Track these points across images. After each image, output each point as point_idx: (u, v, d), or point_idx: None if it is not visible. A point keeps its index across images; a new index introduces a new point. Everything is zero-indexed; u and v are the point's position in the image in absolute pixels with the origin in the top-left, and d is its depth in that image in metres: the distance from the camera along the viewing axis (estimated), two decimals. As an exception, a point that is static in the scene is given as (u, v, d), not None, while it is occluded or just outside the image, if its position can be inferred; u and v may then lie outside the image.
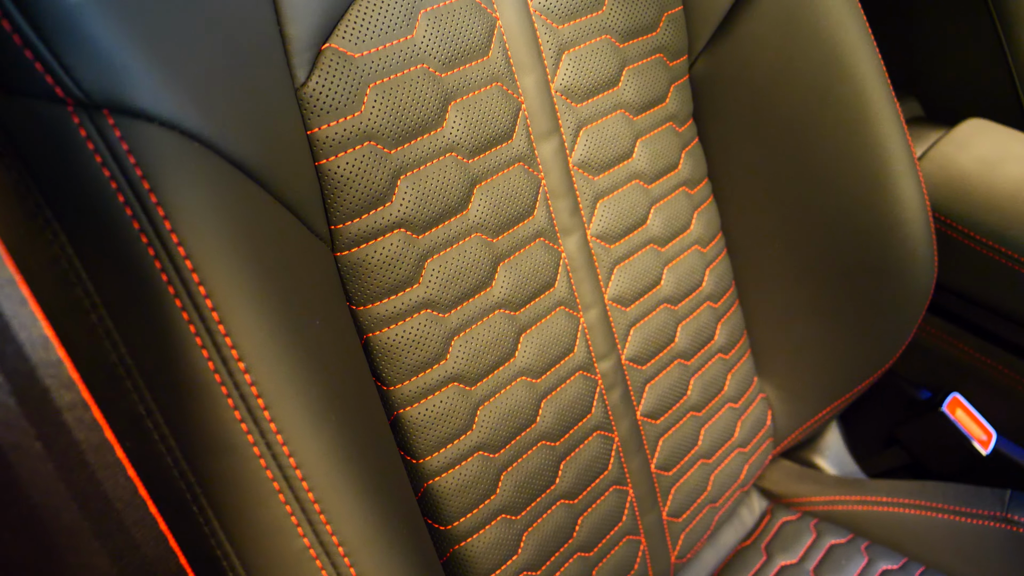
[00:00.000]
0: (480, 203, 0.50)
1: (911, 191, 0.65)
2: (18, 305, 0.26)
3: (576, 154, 0.56)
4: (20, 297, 0.26)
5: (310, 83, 0.42)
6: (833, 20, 0.62)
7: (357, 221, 0.45)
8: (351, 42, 0.43)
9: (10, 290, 0.26)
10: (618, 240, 0.59)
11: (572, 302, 0.57)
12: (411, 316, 0.48)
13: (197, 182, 0.33)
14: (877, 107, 0.63)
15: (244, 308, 0.33)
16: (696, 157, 0.66)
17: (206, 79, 0.34)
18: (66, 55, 0.30)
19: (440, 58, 0.47)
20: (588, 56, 0.55)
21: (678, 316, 0.65)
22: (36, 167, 0.32)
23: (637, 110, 0.59)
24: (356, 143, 0.44)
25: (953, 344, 0.82)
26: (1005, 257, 0.74)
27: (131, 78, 0.31)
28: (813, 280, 0.70)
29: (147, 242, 0.31)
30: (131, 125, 0.31)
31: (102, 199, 0.31)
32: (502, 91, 0.51)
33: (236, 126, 0.36)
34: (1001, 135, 0.85)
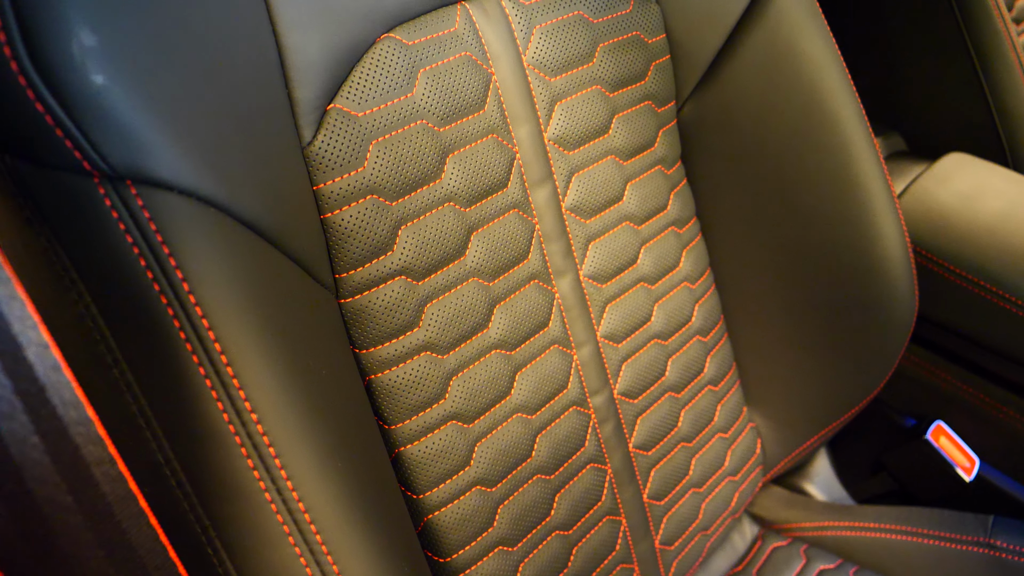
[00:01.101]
0: (477, 249, 0.53)
1: (891, 229, 0.68)
2: (51, 370, 0.28)
3: (568, 199, 0.58)
4: (54, 362, 0.28)
5: (316, 142, 0.45)
6: (813, 67, 0.65)
7: (360, 270, 0.47)
8: (355, 102, 0.46)
9: (45, 355, 0.28)
10: (609, 280, 0.61)
11: (566, 340, 0.59)
12: (411, 358, 0.50)
13: (213, 245, 0.35)
14: (857, 149, 0.66)
15: (256, 362, 0.36)
16: (684, 198, 0.68)
17: (220, 147, 0.37)
18: (93, 133, 0.32)
19: (438, 114, 0.50)
20: (579, 106, 0.58)
21: (668, 351, 0.67)
22: (63, 233, 0.34)
23: (627, 155, 0.62)
24: (359, 197, 0.46)
25: (936, 373, 0.84)
26: (984, 290, 0.77)
27: (152, 151, 0.33)
28: (799, 314, 0.72)
29: (166, 303, 0.34)
30: (152, 194, 0.34)
31: (125, 263, 0.34)
32: (497, 142, 0.53)
33: (248, 189, 0.38)
34: (980, 169, 0.88)
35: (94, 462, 0.29)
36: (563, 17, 0.57)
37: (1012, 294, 0.75)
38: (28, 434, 0.27)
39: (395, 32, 0.48)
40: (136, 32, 0.33)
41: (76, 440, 0.28)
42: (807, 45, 0.65)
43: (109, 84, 0.32)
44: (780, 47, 0.65)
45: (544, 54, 0.56)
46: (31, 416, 0.27)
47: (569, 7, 0.57)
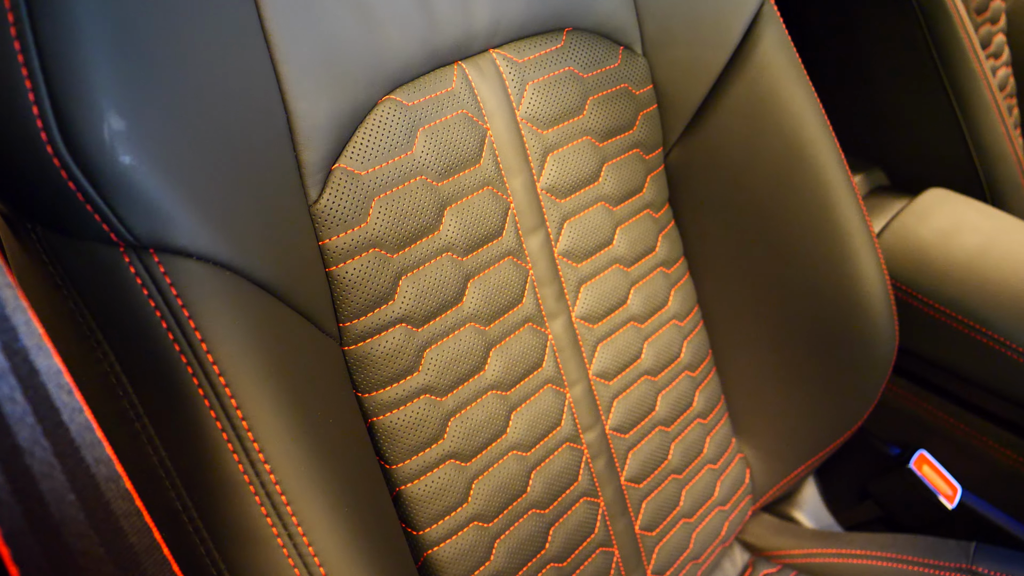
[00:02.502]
0: (473, 296, 0.55)
1: (871, 268, 0.71)
2: (85, 430, 0.31)
3: (560, 244, 0.61)
4: (87, 423, 0.31)
5: (322, 200, 0.47)
6: (794, 113, 0.68)
7: (363, 319, 0.50)
8: (358, 161, 0.49)
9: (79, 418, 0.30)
10: (600, 320, 0.64)
11: (559, 379, 0.62)
12: (411, 401, 0.53)
13: (228, 306, 0.38)
14: (836, 192, 0.69)
15: (269, 416, 0.38)
16: (672, 239, 0.71)
17: (235, 213, 0.39)
18: (120, 207, 0.35)
19: (437, 169, 0.53)
20: (570, 156, 0.61)
21: (658, 386, 0.70)
22: (90, 297, 0.37)
23: (616, 201, 0.65)
24: (362, 250, 0.49)
25: (919, 404, 0.87)
26: (962, 324, 0.80)
27: (173, 222, 0.36)
28: (784, 349, 0.75)
29: (186, 362, 0.36)
30: (173, 261, 0.36)
31: (148, 325, 0.36)
32: (493, 194, 0.56)
33: (260, 250, 0.41)
34: (959, 205, 0.91)
35: (122, 515, 0.31)
36: (554, 73, 0.60)
37: (988, 328, 0.78)
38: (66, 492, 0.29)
39: (395, 94, 0.51)
40: (160, 115, 0.36)
41: (107, 496, 0.31)
42: (787, 94, 0.68)
43: (135, 164, 0.34)
44: (762, 96, 0.68)
45: (536, 108, 0.59)
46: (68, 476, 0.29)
47: (560, 63, 0.60)
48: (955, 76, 0.96)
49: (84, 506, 0.30)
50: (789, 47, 0.69)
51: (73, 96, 0.33)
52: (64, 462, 0.29)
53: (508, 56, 0.58)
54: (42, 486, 0.28)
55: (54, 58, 0.33)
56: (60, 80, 0.33)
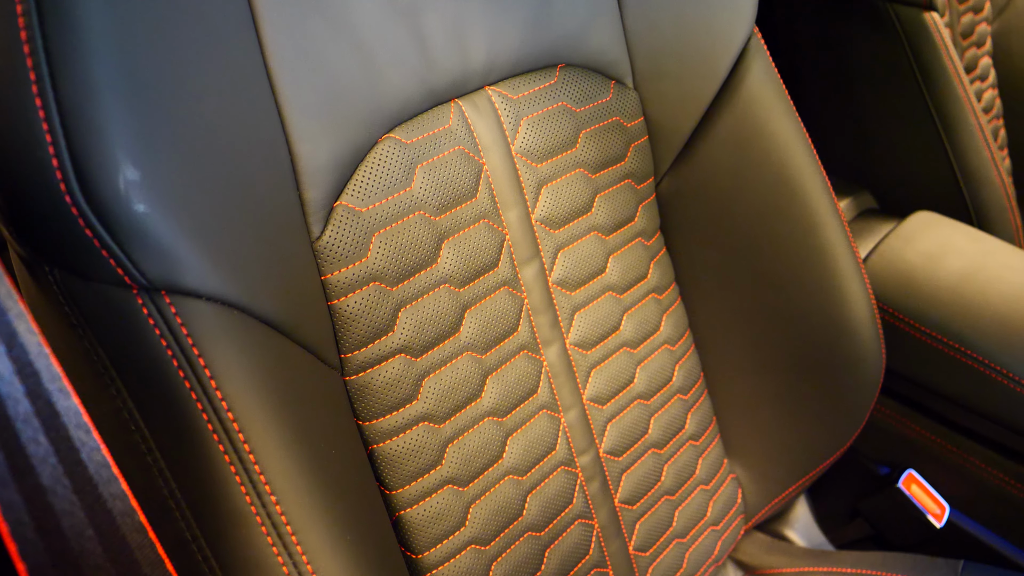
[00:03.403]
0: (470, 325, 0.57)
1: (857, 293, 0.72)
2: (102, 467, 0.32)
3: (555, 274, 0.63)
4: (104, 460, 0.32)
5: (324, 237, 0.49)
6: (781, 144, 0.70)
7: (364, 350, 0.52)
8: (359, 198, 0.51)
9: (97, 456, 0.32)
10: (594, 347, 0.66)
11: (553, 405, 0.63)
12: (410, 428, 0.54)
13: (235, 344, 0.40)
14: (823, 219, 0.71)
15: (274, 449, 0.40)
16: (664, 266, 0.73)
17: (242, 254, 0.41)
18: (134, 252, 0.37)
19: (435, 204, 0.55)
20: (564, 188, 0.63)
21: (651, 409, 0.71)
22: (104, 336, 0.39)
23: (609, 230, 0.67)
24: (363, 284, 0.51)
25: (907, 424, 0.89)
26: (947, 347, 0.81)
27: (184, 265, 0.38)
28: (774, 372, 0.77)
29: (196, 398, 0.38)
30: (183, 302, 0.38)
31: (159, 362, 0.38)
32: (489, 226, 0.58)
33: (265, 288, 0.43)
34: (945, 228, 0.93)
35: (136, 547, 0.33)
36: (548, 108, 0.62)
37: (973, 351, 0.80)
38: (84, 527, 0.31)
39: (395, 132, 0.53)
40: (172, 165, 0.38)
41: (123, 529, 0.32)
42: (775, 125, 0.70)
43: (149, 211, 0.36)
44: (750, 127, 0.70)
45: (531, 143, 0.61)
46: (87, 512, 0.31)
47: (553, 99, 0.62)
48: (940, 101, 0.98)
49: (101, 540, 0.32)
50: (776, 79, 0.71)
51: (91, 150, 0.35)
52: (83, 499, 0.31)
53: (503, 93, 0.60)
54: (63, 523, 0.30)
55: (73, 115, 0.35)
56: (79, 135, 0.35)
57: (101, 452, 0.33)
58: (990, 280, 0.85)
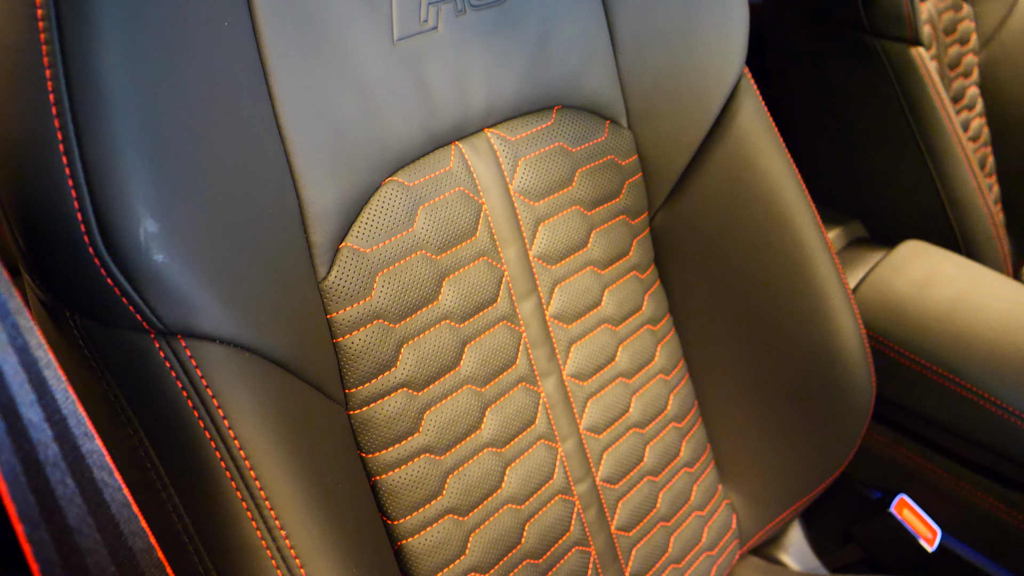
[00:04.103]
0: (470, 359, 0.59)
1: (847, 324, 0.75)
2: (123, 507, 0.34)
3: (552, 308, 0.65)
4: (125, 500, 0.34)
5: (330, 277, 0.51)
6: (771, 179, 0.73)
7: (367, 385, 0.54)
8: (363, 240, 0.53)
9: (119, 496, 0.34)
10: (590, 378, 0.68)
11: (551, 435, 0.65)
12: (412, 460, 0.56)
13: (247, 385, 0.42)
14: (813, 252, 0.73)
15: (284, 484, 0.42)
16: (658, 298, 0.75)
17: (254, 297, 0.43)
18: (152, 300, 0.39)
19: (436, 244, 0.57)
20: (560, 225, 0.65)
21: (646, 438, 0.73)
22: (122, 378, 0.41)
23: (604, 265, 0.69)
24: (367, 322, 0.53)
25: (898, 450, 0.91)
26: (936, 374, 0.83)
27: (200, 311, 0.40)
28: (767, 400, 0.79)
29: (209, 437, 0.40)
30: (198, 346, 0.40)
31: (175, 404, 0.40)
32: (488, 264, 0.60)
33: (275, 329, 0.45)
34: (934, 256, 0.96)
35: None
36: (545, 149, 0.64)
37: (961, 378, 0.82)
38: (107, 564, 0.33)
39: (398, 175, 0.56)
40: (189, 216, 0.40)
41: (142, 565, 0.34)
42: (765, 161, 0.73)
43: (168, 262, 0.39)
44: (741, 163, 0.72)
45: (528, 182, 0.63)
46: (109, 549, 0.33)
47: (550, 139, 0.65)
48: (927, 133, 1.01)
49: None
50: (765, 117, 0.74)
51: (113, 204, 0.37)
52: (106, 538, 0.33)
53: (502, 135, 0.62)
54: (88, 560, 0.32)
55: (97, 172, 0.37)
56: (102, 191, 0.37)
57: (122, 492, 0.35)
58: (978, 308, 0.87)
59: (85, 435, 0.33)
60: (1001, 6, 1.31)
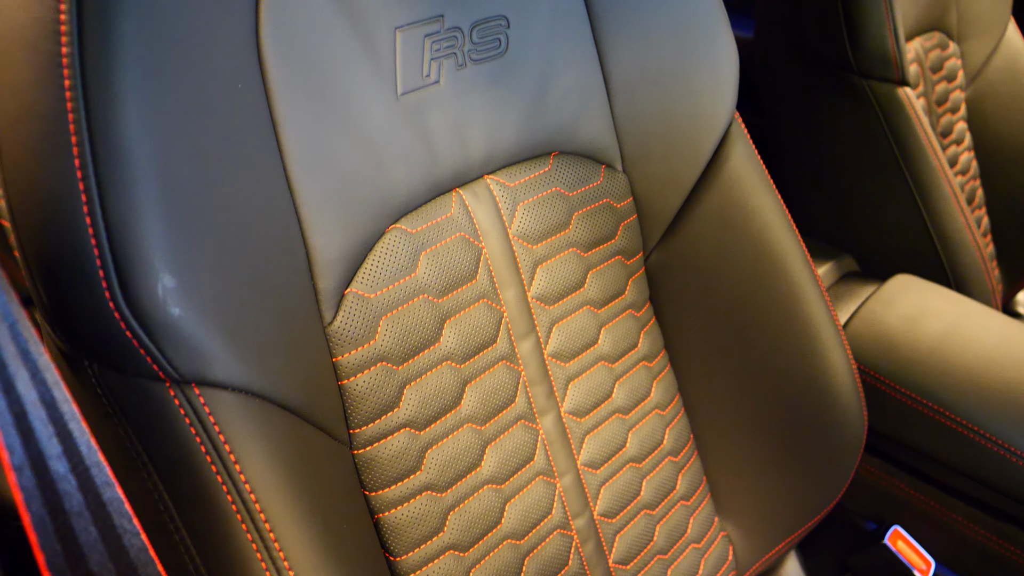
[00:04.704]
0: (470, 398, 0.61)
1: (838, 360, 0.76)
2: (140, 551, 0.36)
3: (550, 347, 0.67)
4: (142, 545, 0.36)
5: (336, 322, 0.53)
6: (762, 220, 0.75)
7: (371, 425, 0.55)
8: (367, 285, 0.55)
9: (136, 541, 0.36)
10: (587, 414, 0.70)
11: (549, 471, 0.67)
12: (414, 498, 0.58)
13: (258, 430, 0.43)
14: (804, 290, 0.75)
15: (292, 525, 0.43)
16: (653, 335, 0.77)
17: (264, 346, 0.45)
18: (168, 350, 0.41)
19: (437, 288, 0.59)
20: (558, 267, 0.67)
21: (643, 472, 0.75)
22: (138, 424, 0.42)
23: (600, 304, 0.71)
24: (371, 364, 0.55)
25: (892, 482, 0.92)
26: (927, 408, 0.85)
27: (213, 360, 0.42)
28: (761, 433, 0.80)
29: (221, 481, 0.42)
30: (212, 394, 0.42)
31: (188, 449, 0.42)
32: (488, 305, 0.62)
33: (284, 375, 0.47)
34: (924, 291, 0.98)
35: (169, 623, 0.36)
36: (543, 194, 0.66)
37: (951, 411, 0.84)
38: (125, 607, 0.34)
39: (401, 222, 0.58)
40: (204, 271, 0.42)
41: (157, 608, 0.36)
42: (756, 202, 0.75)
43: (184, 314, 0.41)
44: (733, 205, 0.75)
45: (527, 226, 0.65)
46: (128, 593, 0.34)
47: (548, 184, 0.67)
48: (915, 170, 1.03)
49: (139, 618, 0.35)
50: (756, 160, 0.76)
51: (133, 261, 0.40)
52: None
53: (501, 181, 0.64)
54: (107, 604, 0.33)
55: (118, 231, 0.39)
56: (122, 248, 0.39)
57: (140, 538, 0.36)
58: (967, 342, 0.89)
59: (106, 483, 0.35)
60: (986, 44, 1.34)
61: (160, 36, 0.42)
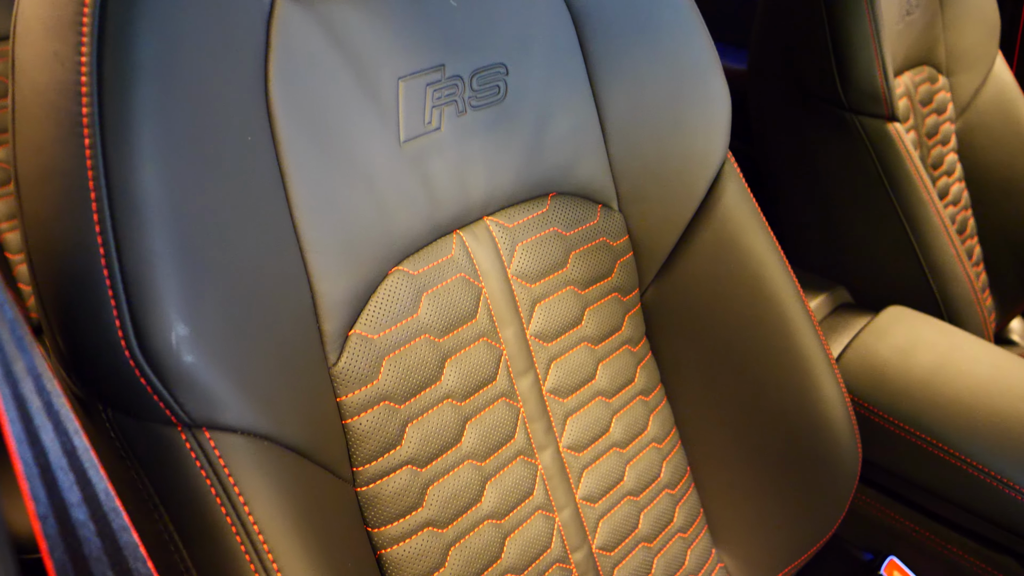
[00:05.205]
0: (471, 435, 0.63)
1: (832, 393, 0.78)
2: (153, 592, 0.37)
3: (548, 383, 0.69)
4: None
5: (340, 363, 0.55)
6: (755, 257, 0.77)
7: (374, 463, 0.57)
8: (371, 327, 0.57)
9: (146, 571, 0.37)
10: (585, 449, 0.71)
11: (548, 505, 0.68)
12: (416, 534, 0.59)
13: (266, 472, 0.45)
14: (797, 325, 0.77)
15: (298, 564, 0.45)
16: (650, 369, 0.79)
17: (271, 389, 0.47)
18: (181, 396, 0.42)
19: (438, 328, 0.61)
20: (556, 305, 0.69)
21: (640, 505, 0.76)
22: (150, 467, 0.44)
23: (597, 340, 0.73)
24: (374, 404, 0.56)
25: (887, 512, 0.93)
26: (920, 439, 0.87)
27: (224, 405, 0.44)
28: (757, 466, 0.82)
29: (230, 523, 0.43)
30: (222, 437, 0.44)
31: (199, 491, 0.43)
32: (487, 344, 0.64)
33: (291, 418, 0.48)
34: (916, 323, 0.99)
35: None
36: (541, 234, 0.68)
37: (943, 443, 0.85)
38: (139, 648, 0.35)
39: (403, 265, 0.59)
40: (216, 320, 0.44)
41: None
42: (749, 240, 0.77)
43: (196, 362, 0.42)
44: (726, 242, 0.77)
45: (525, 266, 0.67)
46: (142, 633, 0.36)
47: (545, 225, 0.69)
48: (906, 203, 1.05)
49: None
50: (748, 198, 0.78)
51: (148, 311, 0.41)
52: (139, 622, 0.36)
53: (500, 222, 0.66)
54: (123, 645, 0.35)
55: (134, 282, 0.41)
56: (138, 299, 0.41)
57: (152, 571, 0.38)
58: (959, 373, 0.90)
59: (123, 528, 0.36)
60: (975, 77, 1.37)
61: (175, 95, 0.44)
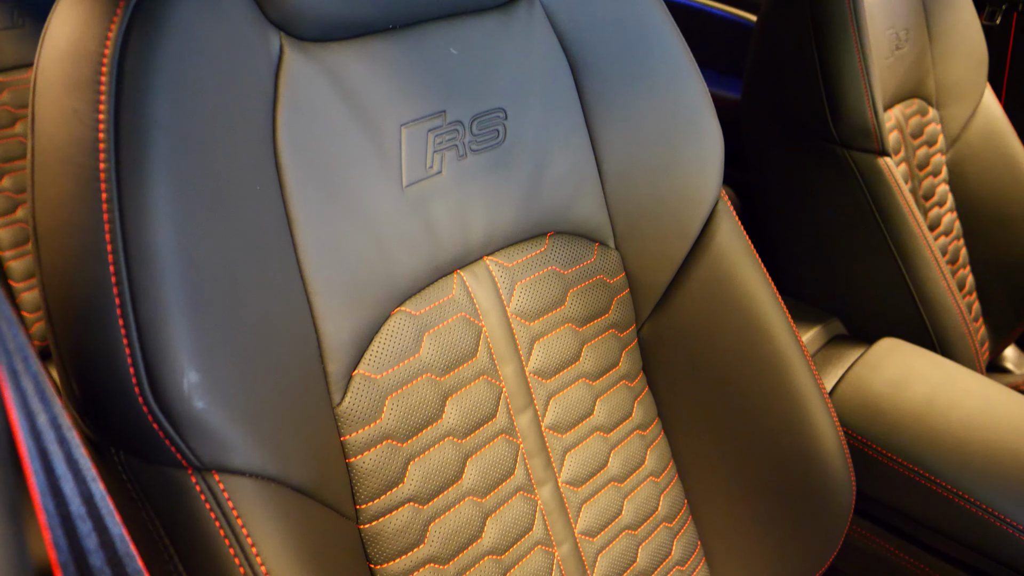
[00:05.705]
0: (471, 472, 0.64)
1: (825, 427, 0.79)
2: (166, 635, 0.38)
3: (547, 419, 0.70)
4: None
5: (344, 403, 0.56)
6: (749, 292, 0.78)
7: (377, 501, 0.58)
8: (374, 367, 0.58)
9: (161, 626, 0.38)
10: (584, 483, 0.72)
11: (547, 540, 0.69)
12: (418, 570, 0.60)
13: (272, 512, 0.46)
14: (790, 360, 0.79)
15: (304, 605, 0.46)
16: (647, 404, 0.80)
17: (278, 432, 0.48)
18: (191, 441, 0.44)
19: (440, 367, 0.62)
20: (554, 342, 0.71)
21: (638, 539, 0.77)
22: (161, 509, 0.45)
23: (595, 376, 0.74)
24: (377, 442, 0.58)
25: (882, 544, 0.94)
26: (913, 472, 0.88)
27: (233, 449, 0.45)
28: (753, 499, 0.83)
29: (239, 564, 0.44)
30: (230, 479, 0.45)
31: (208, 533, 0.44)
32: (488, 381, 0.66)
33: (297, 459, 0.49)
34: (908, 355, 1.01)
35: None
36: (539, 273, 0.70)
37: (936, 475, 0.87)
38: None
39: (405, 306, 0.61)
40: (226, 367, 0.45)
41: None
42: (742, 276, 0.79)
43: (207, 407, 0.44)
44: (720, 278, 0.78)
45: (524, 304, 0.69)
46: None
47: (544, 264, 0.71)
48: (897, 236, 1.07)
49: None
50: (742, 235, 0.80)
51: (161, 359, 0.43)
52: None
53: (499, 262, 0.68)
54: None
55: (149, 332, 0.43)
56: (152, 348, 0.43)
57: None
58: (951, 406, 0.92)
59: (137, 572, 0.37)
60: (964, 109, 1.40)
61: (188, 148, 0.45)
